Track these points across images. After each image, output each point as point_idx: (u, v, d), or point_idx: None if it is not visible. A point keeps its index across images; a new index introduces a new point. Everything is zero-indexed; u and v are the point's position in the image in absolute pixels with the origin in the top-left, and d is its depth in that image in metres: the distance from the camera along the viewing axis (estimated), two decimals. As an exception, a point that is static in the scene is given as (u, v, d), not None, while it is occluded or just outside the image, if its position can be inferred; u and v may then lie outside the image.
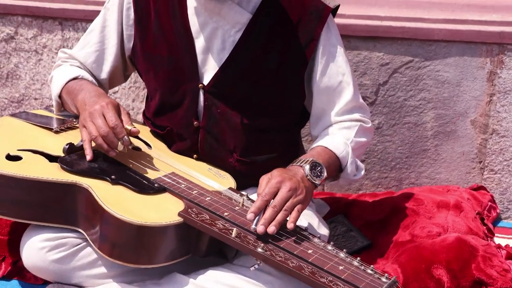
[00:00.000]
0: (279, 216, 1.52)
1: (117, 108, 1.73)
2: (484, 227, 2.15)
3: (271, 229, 1.49)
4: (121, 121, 1.70)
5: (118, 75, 2.03)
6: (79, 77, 1.91)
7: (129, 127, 1.71)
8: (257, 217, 1.51)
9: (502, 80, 2.33)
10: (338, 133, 1.83)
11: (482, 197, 2.33)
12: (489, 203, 2.33)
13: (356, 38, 2.35)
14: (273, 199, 1.54)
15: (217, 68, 1.79)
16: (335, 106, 1.85)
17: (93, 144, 1.71)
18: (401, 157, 2.49)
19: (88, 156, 1.68)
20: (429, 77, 2.39)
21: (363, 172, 1.86)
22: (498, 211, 2.38)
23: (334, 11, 1.83)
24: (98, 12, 2.03)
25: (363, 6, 2.42)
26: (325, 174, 1.68)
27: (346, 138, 1.81)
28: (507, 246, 2.09)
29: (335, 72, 1.83)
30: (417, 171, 2.50)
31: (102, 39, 1.95)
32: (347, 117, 1.86)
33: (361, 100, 1.90)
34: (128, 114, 1.76)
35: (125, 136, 1.68)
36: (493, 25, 2.31)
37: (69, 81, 1.89)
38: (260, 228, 1.49)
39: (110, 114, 1.68)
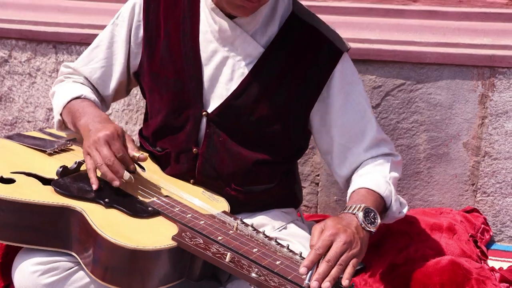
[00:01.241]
0: (334, 271, 1.44)
1: (122, 136, 1.71)
2: (478, 250, 2.15)
3: (326, 285, 1.42)
4: (127, 148, 1.70)
5: (122, 90, 2.02)
6: (82, 96, 1.88)
7: (136, 154, 1.70)
8: (310, 272, 1.44)
9: (494, 103, 2.35)
10: (375, 172, 1.77)
11: (475, 220, 2.34)
12: (482, 226, 2.34)
13: (348, 61, 2.37)
14: (327, 252, 1.47)
15: (223, 98, 1.78)
16: (361, 143, 1.81)
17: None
18: (394, 179, 2.50)
19: (94, 185, 1.66)
20: (421, 99, 2.40)
21: (407, 208, 1.81)
22: (491, 233, 2.39)
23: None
24: (92, 35, 2.04)
25: (355, 30, 2.44)
26: (378, 220, 1.61)
27: (383, 175, 1.76)
28: (500, 269, 2.09)
29: (355, 110, 1.81)
30: (410, 193, 2.51)
31: (109, 55, 1.93)
32: (376, 152, 1.82)
33: (384, 134, 1.87)
34: (133, 140, 1.74)
35: (132, 165, 1.68)
36: (484, 48, 2.33)
37: (71, 100, 1.87)
38: (314, 284, 1.41)
39: (117, 145, 1.66)
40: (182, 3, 1.83)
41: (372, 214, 1.61)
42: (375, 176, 1.75)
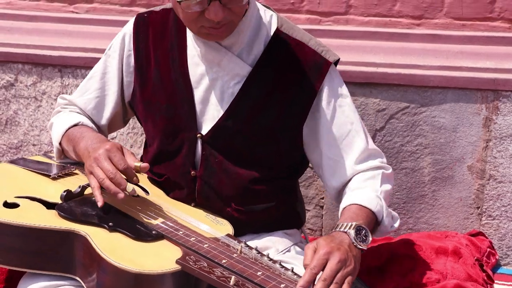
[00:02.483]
0: None
1: (121, 150, 1.72)
2: (484, 274, 2.13)
3: None
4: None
5: (118, 121, 2.04)
6: (79, 123, 1.90)
7: (138, 164, 1.70)
8: None
9: (498, 126, 2.35)
10: (365, 186, 1.78)
11: (481, 243, 2.32)
12: (488, 249, 2.32)
13: (352, 84, 2.38)
14: (322, 271, 1.47)
15: (216, 119, 1.80)
16: (349, 157, 1.81)
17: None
18: (399, 202, 2.49)
19: (100, 203, 1.65)
20: (426, 122, 2.40)
21: (398, 221, 1.80)
22: (497, 257, 2.37)
23: (335, 63, 1.84)
24: (97, 59, 2.05)
25: (359, 53, 2.46)
26: (370, 238, 1.61)
27: (374, 190, 1.76)
28: (507, 293, 2.08)
29: (343, 122, 1.81)
30: (415, 216, 2.50)
31: (103, 86, 1.96)
32: (367, 165, 1.82)
33: (374, 146, 1.87)
34: (132, 153, 1.74)
35: (134, 177, 1.68)
36: (487, 72, 2.34)
37: (69, 128, 1.89)
38: None
39: (118, 157, 1.67)
40: (169, 32, 1.87)
41: (363, 232, 1.61)
42: (366, 191, 1.75)
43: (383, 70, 2.39)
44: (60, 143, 1.92)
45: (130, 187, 1.66)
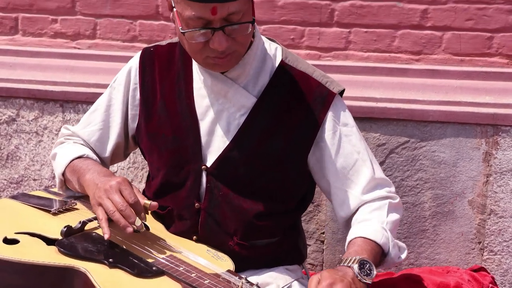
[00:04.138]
0: None
1: (131, 185, 1.73)
2: (486, 310, 2.12)
3: None
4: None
5: (120, 153, 2.05)
6: (84, 156, 1.91)
7: (148, 202, 1.71)
8: None
9: (498, 161, 2.35)
10: (371, 218, 1.77)
11: (483, 279, 2.31)
12: (490, 285, 2.30)
13: (352, 120, 2.40)
14: None
15: (221, 151, 1.80)
16: (357, 186, 1.81)
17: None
18: (400, 237, 2.48)
19: (106, 235, 1.65)
20: (426, 157, 2.41)
21: (406, 252, 1.79)
22: (499, 293, 2.36)
23: (340, 93, 1.85)
24: (99, 94, 2.06)
25: (359, 88, 2.47)
26: (374, 272, 1.60)
27: (380, 221, 1.76)
28: (510, 329, 2.06)
29: (349, 152, 1.82)
30: (416, 251, 2.49)
31: (107, 118, 1.97)
32: (374, 195, 1.81)
33: (382, 174, 1.86)
34: (139, 191, 1.76)
35: (143, 213, 1.69)
36: (487, 107, 2.35)
37: (73, 159, 1.90)
38: None
39: (129, 191, 1.68)
40: (176, 64, 1.89)
41: (367, 266, 1.60)
42: (372, 224, 1.75)
43: (383, 105, 2.41)
44: (63, 174, 1.92)
45: (138, 221, 1.66)
